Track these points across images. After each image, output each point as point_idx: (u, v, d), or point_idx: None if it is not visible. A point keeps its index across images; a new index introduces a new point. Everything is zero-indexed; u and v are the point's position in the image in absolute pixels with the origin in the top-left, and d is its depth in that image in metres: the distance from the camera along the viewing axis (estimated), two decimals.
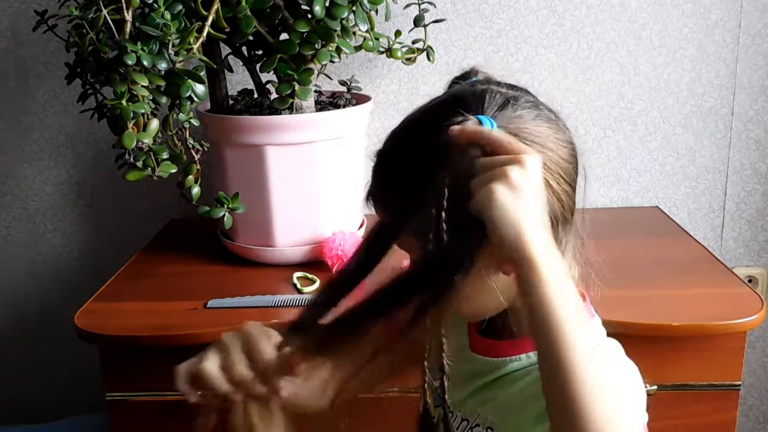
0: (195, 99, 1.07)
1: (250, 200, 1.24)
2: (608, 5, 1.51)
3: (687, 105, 1.55)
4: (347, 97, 1.39)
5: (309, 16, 1.16)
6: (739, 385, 1.09)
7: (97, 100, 1.18)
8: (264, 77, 1.33)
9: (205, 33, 1.10)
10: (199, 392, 0.69)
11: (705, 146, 1.57)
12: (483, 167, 0.59)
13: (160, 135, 1.10)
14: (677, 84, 1.54)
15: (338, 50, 1.20)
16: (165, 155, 1.09)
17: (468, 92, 0.67)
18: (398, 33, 1.38)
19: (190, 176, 1.19)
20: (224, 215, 1.20)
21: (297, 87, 1.19)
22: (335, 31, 1.16)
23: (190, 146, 1.19)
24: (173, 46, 1.04)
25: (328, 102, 1.37)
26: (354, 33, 1.23)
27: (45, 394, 1.76)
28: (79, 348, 1.25)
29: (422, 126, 0.67)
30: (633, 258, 1.28)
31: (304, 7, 1.17)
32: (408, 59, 1.41)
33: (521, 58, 1.54)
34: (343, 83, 1.43)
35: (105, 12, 1.03)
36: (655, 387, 1.07)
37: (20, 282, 1.70)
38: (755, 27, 1.51)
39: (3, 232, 1.67)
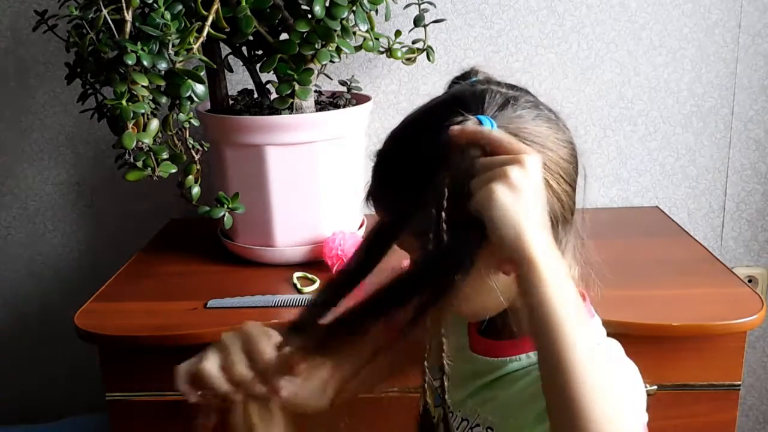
0: (195, 99, 1.07)
1: (250, 200, 1.24)
2: (608, 5, 1.51)
3: (687, 105, 1.55)
4: (347, 97, 1.39)
5: (309, 16, 1.16)
6: (739, 385, 1.09)
7: (97, 100, 1.18)
8: (264, 77, 1.33)
9: (205, 33, 1.10)
10: (199, 392, 0.69)
11: (705, 146, 1.57)
12: (483, 167, 0.59)
13: (160, 135, 1.10)
14: (677, 84, 1.54)
15: (338, 50, 1.20)
16: (165, 155, 1.09)
17: (468, 92, 0.67)
18: (398, 33, 1.38)
19: (190, 176, 1.19)
20: (224, 215, 1.20)
21: (297, 87, 1.19)
22: (335, 31, 1.16)
23: (190, 146, 1.19)
24: (173, 46, 1.04)
25: (328, 102, 1.37)
26: (354, 33, 1.23)
27: (45, 394, 1.76)
28: (79, 348, 1.25)
29: (422, 126, 0.67)
30: (633, 258, 1.28)
31: (304, 7, 1.17)
32: (408, 59, 1.41)
33: (521, 58, 1.54)
34: (343, 83, 1.43)
35: (105, 12, 1.03)
36: (655, 387, 1.07)
37: (20, 282, 1.70)
38: (755, 27, 1.51)
39: (3, 232, 1.67)
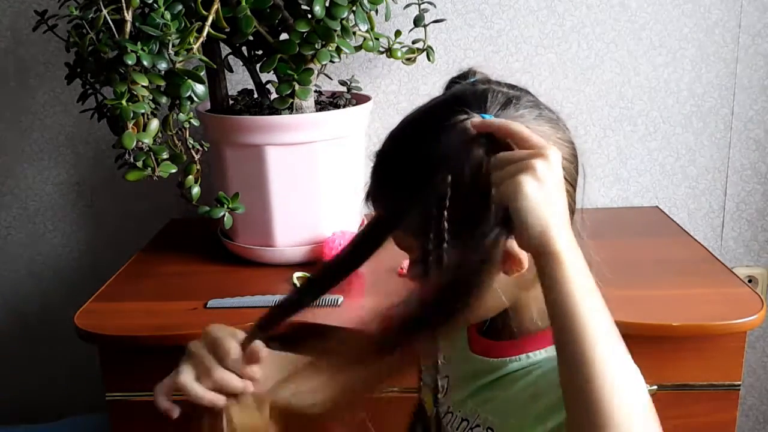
0: (195, 99, 1.07)
1: (250, 200, 1.24)
2: (608, 5, 1.51)
3: (687, 105, 1.55)
4: (347, 97, 1.39)
5: (309, 16, 1.16)
6: (739, 385, 1.09)
7: (97, 100, 1.18)
8: (264, 77, 1.33)
9: (205, 33, 1.10)
10: (180, 406, 0.70)
11: (705, 146, 1.57)
12: (504, 161, 0.59)
13: (160, 135, 1.10)
14: (677, 84, 1.54)
15: (338, 50, 1.20)
16: (165, 155, 1.09)
17: (469, 92, 0.67)
18: (398, 33, 1.38)
19: (190, 176, 1.19)
20: (224, 215, 1.20)
21: (297, 87, 1.19)
22: (335, 31, 1.16)
23: (190, 146, 1.19)
24: (173, 46, 1.04)
25: (328, 102, 1.37)
26: (354, 33, 1.23)
27: (45, 394, 1.76)
28: (79, 348, 1.25)
29: (423, 126, 0.67)
30: (633, 258, 1.28)
31: (304, 7, 1.17)
32: (408, 59, 1.41)
33: (521, 58, 1.54)
34: (343, 83, 1.43)
35: (105, 12, 1.03)
36: (655, 387, 1.07)
37: (20, 282, 1.70)
38: (755, 27, 1.51)
39: (3, 232, 1.67)
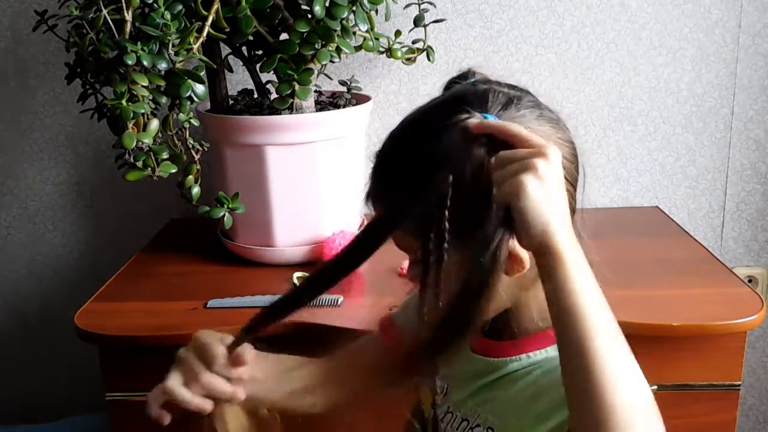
0: (195, 99, 1.07)
1: (250, 200, 1.24)
2: (608, 5, 1.51)
3: (687, 105, 1.55)
4: (347, 97, 1.39)
5: (309, 16, 1.16)
6: (739, 385, 1.09)
7: (97, 100, 1.18)
8: (264, 77, 1.33)
9: (205, 33, 1.10)
10: (171, 412, 0.72)
11: (705, 146, 1.57)
12: (505, 160, 0.59)
13: (160, 135, 1.10)
14: (677, 84, 1.54)
15: (338, 50, 1.20)
16: (165, 155, 1.09)
17: (470, 92, 0.67)
18: (398, 33, 1.38)
19: (190, 176, 1.19)
20: (224, 215, 1.20)
21: (297, 87, 1.19)
22: (335, 31, 1.16)
23: (190, 146, 1.19)
24: (173, 46, 1.04)
25: (328, 102, 1.37)
26: (354, 33, 1.23)
27: (45, 394, 1.76)
28: (79, 348, 1.25)
29: (424, 125, 0.67)
30: (633, 258, 1.28)
31: (304, 7, 1.16)
32: (408, 59, 1.41)
33: (521, 58, 1.54)
34: (343, 83, 1.43)
35: (105, 12, 1.03)
36: (655, 387, 1.07)
37: (20, 282, 1.70)
38: (755, 27, 1.51)
39: (3, 232, 1.67)
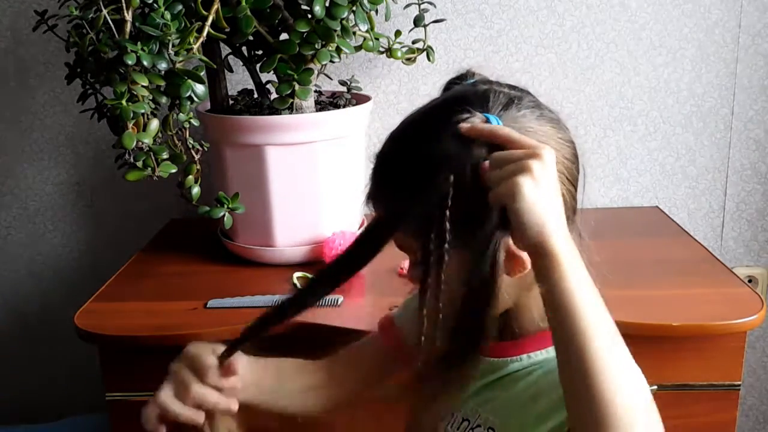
0: (195, 99, 1.07)
1: (250, 200, 1.24)
2: (608, 5, 1.51)
3: (687, 105, 1.55)
4: (347, 97, 1.39)
5: (309, 16, 1.16)
6: (739, 385, 1.09)
7: (97, 100, 1.18)
8: (264, 77, 1.33)
9: (205, 33, 1.10)
10: (166, 424, 0.73)
11: (705, 146, 1.57)
12: (500, 161, 0.59)
13: (160, 135, 1.10)
14: (677, 84, 1.54)
15: (338, 50, 1.20)
16: (165, 155, 1.09)
17: (471, 92, 0.67)
18: (398, 33, 1.38)
19: (190, 176, 1.19)
20: (224, 215, 1.20)
21: (297, 87, 1.19)
22: (335, 31, 1.16)
23: (190, 146, 1.19)
24: (173, 46, 1.04)
25: (328, 102, 1.37)
26: (354, 33, 1.23)
27: (45, 394, 1.76)
28: (79, 348, 1.25)
29: (425, 126, 0.67)
30: (633, 258, 1.28)
31: (304, 7, 1.16)
32: (408, 59, 1.41)
33: (521, 58, 1.54)
34: (343, 83, 1.43)
35: (105, 12, 1.03)
36: (655, 387, 1.07)
37: (20, 282, 1.70)
38: (755, 27, 1.51)
39: (3, 232, 1.67)
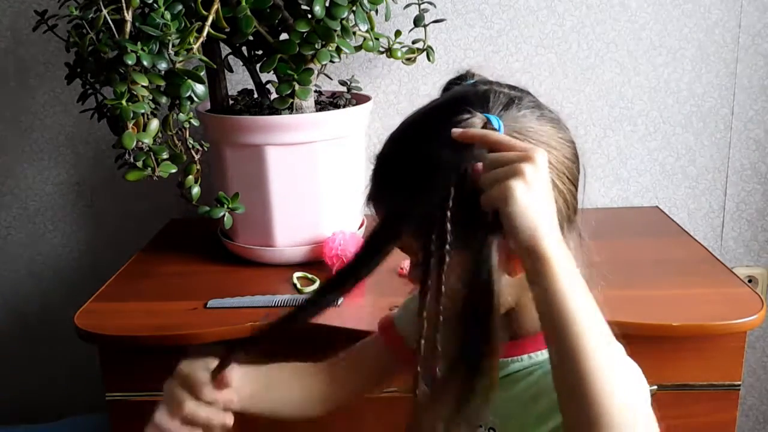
0: (195, 99, 1.07)
1: (250, 200, 1.24)
2: (608, 5, 1.51)
3: (687, 105, 1.55)
4: (347, 97, 1.39)
5: (309, 16, 1.16)
6: (739, 385, 1.09)
7: (97, 100, 1.18)
8: (264, 77, 1.33)
9: (205, 33, 1.10)
10: None
11: (705, 146, 1.57)
12: (493, 163, 0.59)
13: (160, 135, 1.10)
14: (677, 84, 1.54)
15: (338, 50, 1.20)
16: (165, 155, 1.09)
17: (471, 92, 0.67)
18: (398, 33, 1.38)
19: (190, 176, 1.19)
20: (224, 215, 1.20)
21: (297, 87, 1.19)
22: (335, 31, 1.16)
23: (190, 146, 1.19)
24: (173, 46, 1.04)
25: (328, 102, 1.37)
26: (354, 33, 1.23)
27: (45, 394, 1.76)
28: (79, 348, 1.25)
29: (426, 126, 0.67)
30: (633, 258, 1.28)
31: (304, 7, 1.16)
32: (408, 59, 1.41)
33: (521, 58, 1.54)
34: (343, 83, 1.43)
35: (105, 12, 1.03)
36: (655, 387, 1.07)
37: (20, 282, 1.70)
38: (755, 27, 1.51)
39: (3, 232, 1.67)
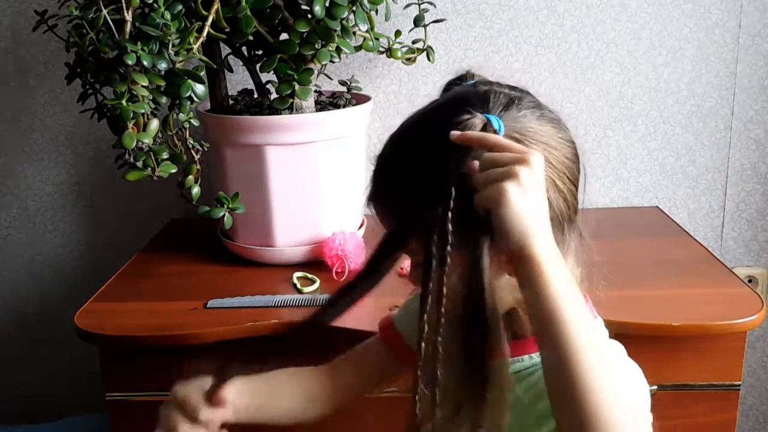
0: (195, 99, 1.07)
1: (250, 200, 1.24)
2: (608, 5, 1.51)
3: (687, 105, 1.55)
4: (347, 97, 1.39)
5: (309, 16, 1.16)
6: (739, 385, 1.09)
7: (97, 100, 1.18)
8: (264, 77, 1.33)
9: (205, 33, 1.10)
10: None
11: (705, 146, 1.57)
12: (487, 164, 0.59)
13: (160, 135, 1.10)
14: (677, 84, 1.54)
15: (338, 50, 1.20)
16: (165, 155, 1.09)
17: (471, 93, 0.67)
18: (398, 33, 1.38)
19: (190, 176, 1.19)
20: (224, 215, 1.20)
21: (297, 87, 1.19)
22: (335, 31, 1.16)
23: (190, 146, 1.19)
24: (173, 46, 1.04)
25: (328, 102, 1.37)
26: (354, 33, 1.23)
27: (45, 394, 1.76)
28: (79, 348, 1.25)
29: (426, 126, 0.67)
30: (633, 258, 1.28)
31: (304, 7, 1.16)
32: (408, 59, 1.41)
33: (521, 58, 1.54)
34: (343, 83, 1.43)
35: (105, 12, 1.03)
36: (655, 387, 1.07)
37: (20, 282, 1.70)
38: (755, 27, 1.51)
39: (3, 232, 1.67)
